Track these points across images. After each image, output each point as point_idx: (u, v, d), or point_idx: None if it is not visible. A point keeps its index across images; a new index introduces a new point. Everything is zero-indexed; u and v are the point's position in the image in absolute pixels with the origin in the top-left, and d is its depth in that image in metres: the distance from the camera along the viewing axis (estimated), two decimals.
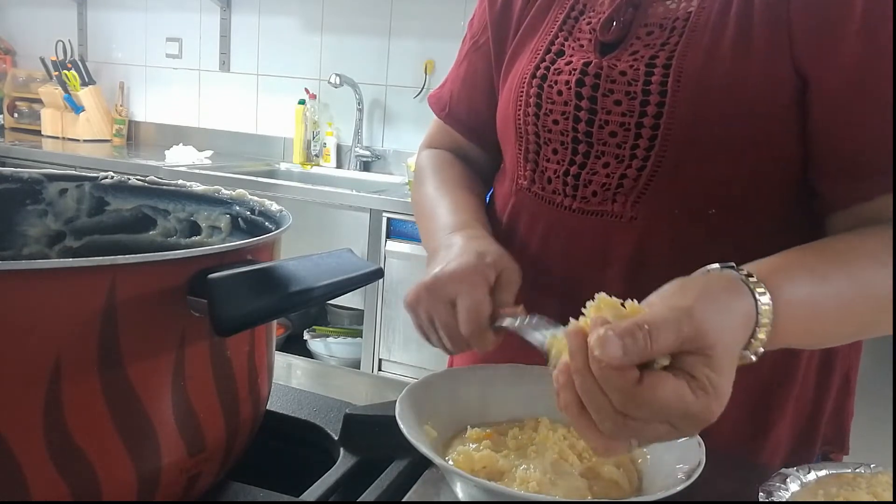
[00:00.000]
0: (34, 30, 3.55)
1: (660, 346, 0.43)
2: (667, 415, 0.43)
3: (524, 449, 0.57)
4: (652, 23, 0.69)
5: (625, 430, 0.44)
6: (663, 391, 0.43)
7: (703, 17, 0.66)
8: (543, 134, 0.75)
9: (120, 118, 3.34)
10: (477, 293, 0.63)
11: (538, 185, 0.76)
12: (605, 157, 0.70)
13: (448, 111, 0.91)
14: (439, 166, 0.89)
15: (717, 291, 0.48)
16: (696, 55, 0.65)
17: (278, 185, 2.48)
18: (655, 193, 0.68)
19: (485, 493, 0.51)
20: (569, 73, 0.72)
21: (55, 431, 0.39)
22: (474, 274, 0.64)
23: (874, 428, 1.83)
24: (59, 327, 0.39)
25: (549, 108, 0.74)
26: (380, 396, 0.76)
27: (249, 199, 0.63)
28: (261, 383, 0.53)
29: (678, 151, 0.66)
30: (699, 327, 0.44)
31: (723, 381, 0.44)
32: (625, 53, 0.70)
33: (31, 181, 0.64)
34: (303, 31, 3.03)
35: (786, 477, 0.55)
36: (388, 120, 2.92)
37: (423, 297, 0.65)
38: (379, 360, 2.38)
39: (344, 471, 0.55)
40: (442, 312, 0.64)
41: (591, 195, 0.71)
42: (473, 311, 0.62)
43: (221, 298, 0.41)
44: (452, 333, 0.64)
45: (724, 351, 0.45)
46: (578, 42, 0.74)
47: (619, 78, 0.69)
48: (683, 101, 0.65)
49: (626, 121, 0.68)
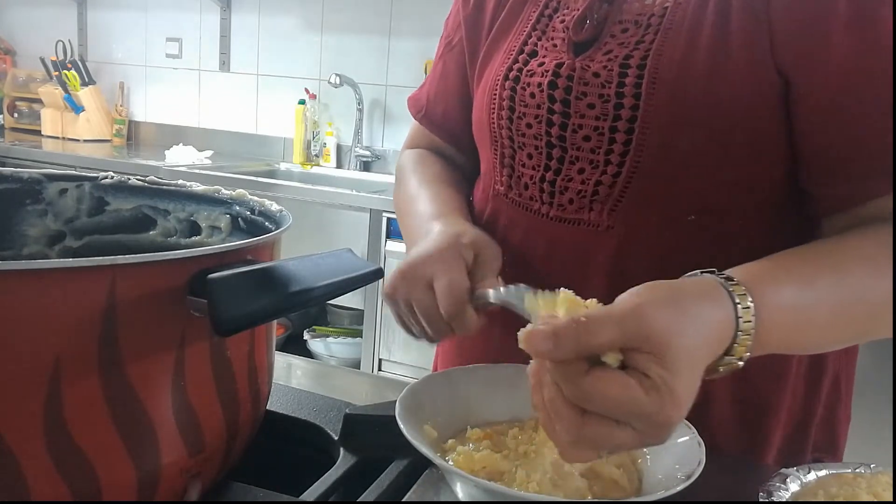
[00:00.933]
0: (34, 30, 3.55)
1: (599, 341, 0.42)
2: (619, 412, 0.42)
3: (524, 447, 0.57)
4: (627, 19, 0.66)
5: (584, 431, 0.43)
6: (609, 384, 0.42)
7: (678, 13, 0.63)
8: (517, 138, 0.72)
9: (120, 118, 3.35)
10: (453, 272, 0.61)
11: (515, 192, 0.74)
12: (580, 163, 0.67)
13: (424, 113, 0.89)
14: (419, 165, 0.87)
15: (684, 295, 0.47)
16: (672, 55, 0.62)
17: (278, 185, 2.48)
18: (632, 201, 0.65)
19: (485, 493, 0.51)
20: (541, 74, 0.69)
21: (55, 431, 0.39)
22: (449, 253, 0.62)
23: (874, 428, 1.83)
24: (59, 327, 0.39)
25: (522, 111, 0.71)
26: (380, 396, 0.76)
27: (249, 199, 0.63)
28: (261, 383, 0.53)
29: (653, 156, 0.63)
30: (647, 325, 0.43)
31: (678, 384, 0.42)
32: (598, 53, 0.66)
33: (31, 181, 0.64)
34: (303, 30, 3.03)
35: (786, 477, 0.55)
36: (388, 120, 2.92)
37: (399, 283, 0.63)
38: (379, 360, 2.38)
39: (344, 471, 0.55)
40: (419, 296, 0.62)
41: (567, 203, 0.69)
42: (451, 288, 0.60)
43: (221, 298, 0.41)
44: (432, 316, 0.62)
45: (680, 353, 0.43)
46: (552, 41, 0.71)
47: (593, 80, 0.66)
48: (658, 104, 0.62)
49: (599, 125, 0.65)
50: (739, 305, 0.48)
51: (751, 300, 0.48)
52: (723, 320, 0.47)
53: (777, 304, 0.50)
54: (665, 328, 0.43)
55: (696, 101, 0.61)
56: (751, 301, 0.48)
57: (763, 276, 0.51)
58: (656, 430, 0.43)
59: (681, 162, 0.63)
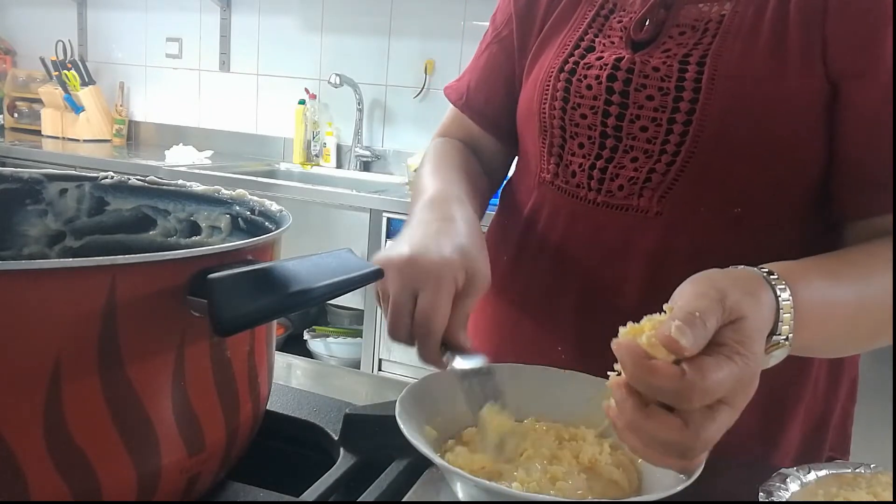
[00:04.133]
0: (34, 30, 3.55)
1: (713, 327, 0.44)
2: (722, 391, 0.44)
3: (524, 447, 0.57)
4: (684, 24, 0.70)
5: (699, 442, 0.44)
6: (707, 366, 0.43)
7: (736, 20, 0.67)
8: (570, 128, 0.75)
9: (120, 118, 3.35)
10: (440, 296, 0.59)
11: (562, 179, 0.77)
12: (634, 152, 0.71)
13: (465, 100, 0.90)
14: (442, 152, 0.88)
15: (743, 279, 0.50)
16: (731, 55, 0.66)
17: (278, 185, 2.48)
18: (682, 189, 0.68)
19: (485, 493, 0.51)
20: (599, 67, 0.73)
21: (55, 431, 0.39)
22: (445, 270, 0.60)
23: (873, 428, 1.83)
24: (59, 327, 0.39)
25: (577, 101, 0.74)
26: (380, 396, 0.76)
27: (249, 199, 0.63)
28: (261, 383, 0.53)
29: (708, 148, 0.67)
30: (734, 304, 0.45)
31: (753, 344, 0.45)
32: (657, 51, 0.70)
33: (31, 181, 0.64)
34: (303, 31, 3.03)
35: (786, 477, 0.55)
36: (388, 120, 2.92)
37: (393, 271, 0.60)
38: (379, 360, 2.38)
39: (344, 471, 0.55)
40: (400, 299, 0.60)
41: (616, 189, 0.72)
42: (429, 313, 0.58)
43: (221, 298, 0.41)
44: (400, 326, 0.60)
45: (750, 322, 0.46)
46: (609, 39, 0.75)
47: (653, 73, 0.69)
48: (717, 98, 0.65)
49: (657, 116, 0.69)
50: (780, 297, 0.50)
51: (789, 292, 0.51)
52: (770, 304, 0.50)
53: (809, 299, 0.53)
54: (738, 302, 0.46)
55: (752, 98, 0.65)
56: (788, 291, 0.51)
57: (796, 273, 0.54)
58: (743, 393, 0.45)
59: (731, 154, 0.66)
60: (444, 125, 0.95)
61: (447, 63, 2.74)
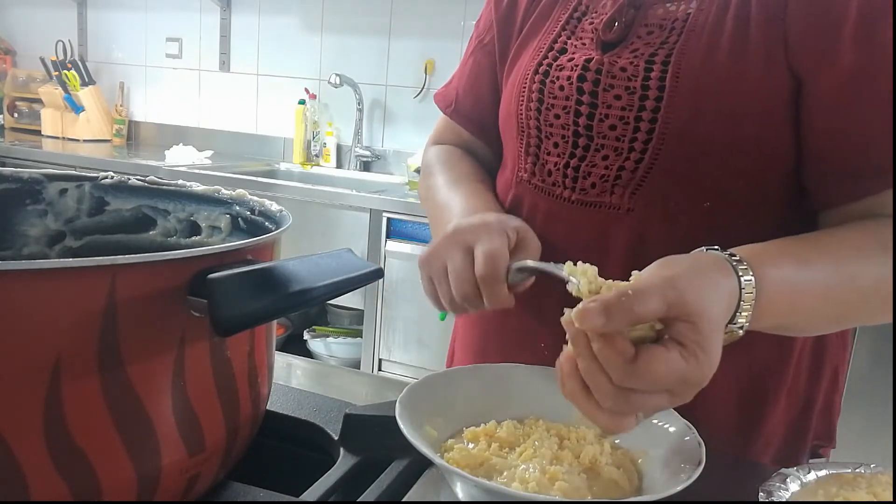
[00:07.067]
0: (34, 30, 3.55)
1: (647, 309, 0.46)
2: (664, 384, 0.46)
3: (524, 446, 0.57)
4: (652, 23, 0.72)
5: (627, 405, 0.47)
6: (657, 363, 0.45)
7: (700, 18, 0.68)
8: (545, 128, 0.77)
9: (120, 118, 3.35)
10: (495, 241, 0.65)
11: (538, 178, 0.78)
12: (605, 150, 0.72)
13: (454, 107, 0.93)
14: (450, 160, 0.91)
15: (703, 266, 0.52)
16: (695, 53, 0.67)
17: (278, 185, 2.48)
18: (652, 185, 0.70)
19: (485, 493, 0.51)
20: (570, 69, 0.75)
21: (55, 431, 0.39)
22: (496, 227, 0.67)
23: (872, 427, 1.83)
24: (59, 327, 0.39)
25: (550, 102, 0.76)
26: (380, 396, 0.76)
27: (249, 199, 0.63)
28: (261, 383, 0.53)
29: (674, 145, 0.68)
30: (683, 294, 0.47)
31: (711, 347, 0.47)
32: (625, 51, 0.72)
33: (31, 181, 0.64)
34: (303, 31, 3.04)
35: (786, 477, 0.55)
36: (388, 120, 2.92)
37: (440, 246, 0.67)
38: (379, 360, 2.38)
39: (344, 471, 0.55)
40: (457, 257, 0.66)
41: (589, 187, 0.74)
42: (490, 253, 0.64)
43: (221, 298, 0.41)
44: (464, 281, 0.65)
45: (711, 320, 0.48)
46: (581, 41, 0.77)
47: (620, 73, 0.71)
48: (681, 97, 0.67)
49: (625, 115, 0.70)
50: (742, 278, 0.53)
51: (751, 274, 0.53)
52: (730, 291, 0.52)
53: (775, 280, 0.55)
54: (697, 297, 0.48)
55: (716, 94, 0.66)
56: (751, 275, 0.53)
57: (763, 256, 0.56)
58: (691, 390, 0.48)
59: (698, 150, 0.68)
60: (438, 132, 0.99)
61: (447, 63, 2.74)
